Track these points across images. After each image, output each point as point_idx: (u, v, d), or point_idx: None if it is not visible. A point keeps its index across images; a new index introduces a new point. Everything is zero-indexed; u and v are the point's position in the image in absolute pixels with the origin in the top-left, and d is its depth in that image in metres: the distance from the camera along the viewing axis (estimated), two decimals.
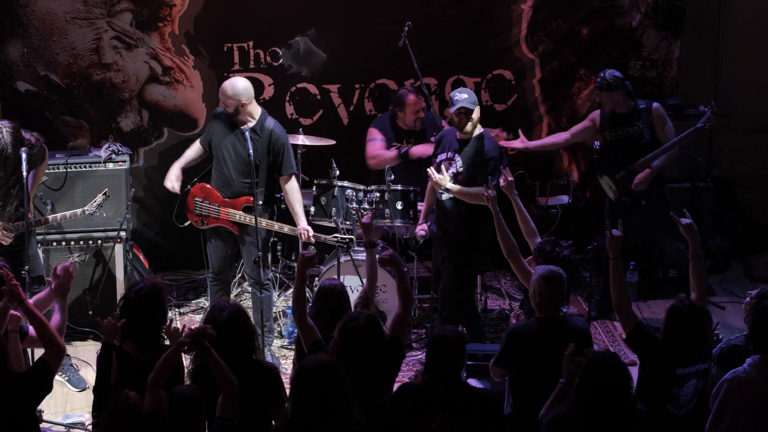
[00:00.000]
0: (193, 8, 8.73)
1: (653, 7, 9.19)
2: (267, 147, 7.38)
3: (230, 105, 7.36)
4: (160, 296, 5.42)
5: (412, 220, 7.91)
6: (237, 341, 5.22)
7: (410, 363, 7.66)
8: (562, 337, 5.49)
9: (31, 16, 8.51)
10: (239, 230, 7.49)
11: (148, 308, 5.35)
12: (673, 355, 5.47)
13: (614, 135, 8.02)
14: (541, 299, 5.72)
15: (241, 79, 7.47)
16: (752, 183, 9.81)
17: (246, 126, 7.40)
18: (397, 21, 8.33)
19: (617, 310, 5.69)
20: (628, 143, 7.97)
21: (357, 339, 5.12)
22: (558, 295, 5.75)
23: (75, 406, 7.18)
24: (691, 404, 5.57)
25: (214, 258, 7.70)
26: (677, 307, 5.50)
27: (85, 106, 8.79)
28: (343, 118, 9.16)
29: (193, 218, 7.63)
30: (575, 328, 5.75)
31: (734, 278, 8.90)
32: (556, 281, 5.72)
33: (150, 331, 5.39)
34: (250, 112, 7.43)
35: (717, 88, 9.62)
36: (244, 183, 7.41)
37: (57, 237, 7.90)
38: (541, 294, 5.71)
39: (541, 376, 5.47)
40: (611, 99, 7.94)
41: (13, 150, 6.89)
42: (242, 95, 7.35)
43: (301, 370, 4.69)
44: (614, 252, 5.72)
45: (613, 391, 4.84)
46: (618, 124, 7.99)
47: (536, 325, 5.73)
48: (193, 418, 4.81)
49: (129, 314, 5.36)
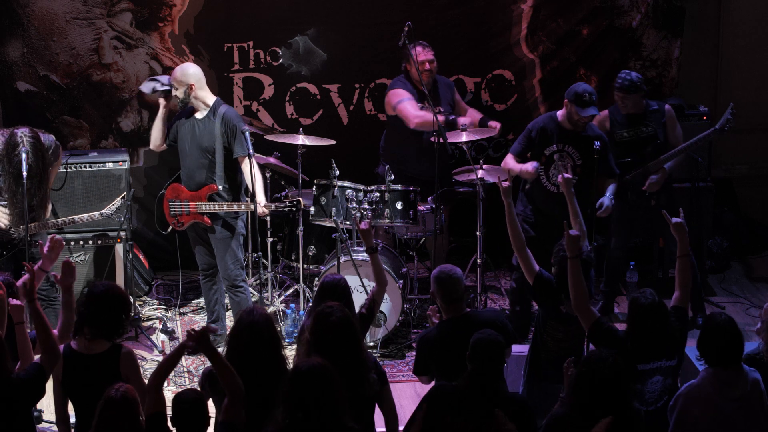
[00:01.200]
0: (193, 8, 8.73)
1: (653, 7, 9.20)
2: (221, 131, 7.42)
3: (180, 89, 7.43)
4: (124, 294, 5.45)
5: (412, 220, 7.91)
6: (261, 347, 5.16)
7: (410, 363, 7.65)
8: (470, 334, 5.40)
9: (31, 16, 8.51)
10: (211, 222, 7.51)
11: (105, 305, 5.36)
12: (635, 350, 5.45)
13: (627, 135, 7.97)
14: (441, 300, 5.76)
15: (192, 65, 7.61)
16: (752, 183, 9.81)
17: (200, 114, 7.47)
18: (397, 21, 8.33)
19: (576, 308, 5.68)
20: (641, 143, 7.94)
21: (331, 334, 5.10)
22: (455, 292, 5.76)
23: None
24: (660, 401, 5.56)
25: (198, 256, 7.75)
26: (638, 301, 5.51)
27: (85, 106, 8.79)
28: (343, 118, 9.17)
29: (171, 221, 7.65)
30: (484, 321, 5.71)
31: (734, 278, 8.90)
32: (449, 279, 5.74)
33: (106, 327, 5.38)
34: (203, 99, 7.47)
35: (717, 88, 9.61)
36: (203, 172, 7.46)
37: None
38: (439, 294, 5.76)
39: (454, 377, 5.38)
40: (633, 101, 7.89)
41: (35, 159, 6.93)
42: (191, 77, 7.43)
43: (295, 373, 4.64)
44: (573, 251, 5.71)
45: (610, 389, 4.83)
46: (632, 124, 7.95)
47: (442, 328, 5.77)
48: (197, 421, 4.79)
49: (88, 307, 5.38)
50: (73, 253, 7.98)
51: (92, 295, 5.43)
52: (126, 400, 4.71)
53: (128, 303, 5.49)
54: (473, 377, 5.12)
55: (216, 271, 7.71)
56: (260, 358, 5.10)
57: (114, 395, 4.70)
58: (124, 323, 5.42)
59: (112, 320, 5.36)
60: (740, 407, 5.27)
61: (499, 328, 5.63)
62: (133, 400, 4.73)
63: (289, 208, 7.63)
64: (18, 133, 6.96)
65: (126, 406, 4.70)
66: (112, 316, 5.36)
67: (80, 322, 5.38)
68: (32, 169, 6.95)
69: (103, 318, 5.34)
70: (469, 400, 5.02)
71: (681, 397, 5.35)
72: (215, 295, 7.78)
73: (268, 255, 8.43)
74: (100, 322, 5.35)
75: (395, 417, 5.45)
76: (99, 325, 5.35)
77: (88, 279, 8.03)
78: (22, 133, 6.97)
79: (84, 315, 5.37)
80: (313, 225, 8.14)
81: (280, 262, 8.66)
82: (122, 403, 4.69)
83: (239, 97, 8.97)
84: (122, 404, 4.69)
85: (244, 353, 5.09)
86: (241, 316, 5.21)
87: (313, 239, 8.30)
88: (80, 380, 5.30)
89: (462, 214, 8.90)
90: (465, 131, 7.91)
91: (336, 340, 5.11)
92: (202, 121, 7.46)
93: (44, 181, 7.06)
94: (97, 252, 8.02)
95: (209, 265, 7.72)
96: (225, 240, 7.52)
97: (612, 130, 8.00)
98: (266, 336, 5.14)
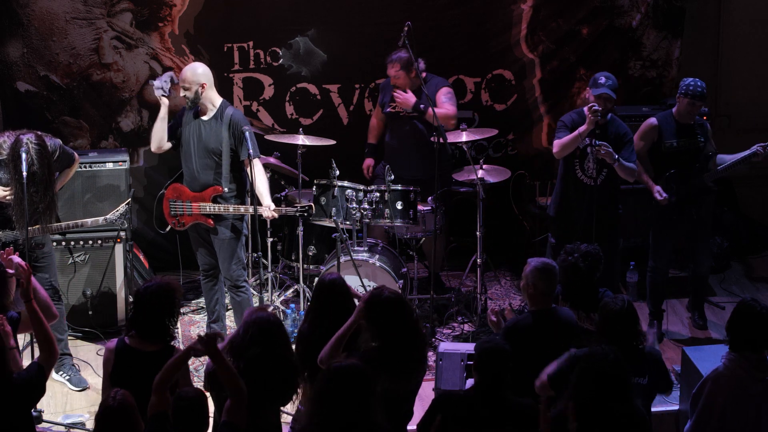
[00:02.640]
0: (193, 8, 8.73)
1: (653, 7, 9.20)
2: (228, 133, 7.40)
3: (192, 89, 7.37)
4: (170, 294, 5.49)
5: (412, 220, 7.91)
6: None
7: None
8: (555, 329, 5.66)
9: (31, 16, 8.51)
10: (214, 223, 7.50)
11: (155, 305, 5.45)
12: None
13: (677, 145, 7.84)
14: (535, 291, 5.80)
15: (201, 64, 7.54)
16: (752, 183, 9.81)
17: (207, 115, 7.44)
18: (397, 21, 8.32)
19: None
20: (691, 154, 7.83)
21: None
22: (551, 288, 5.85)
23: (75, 406, 7.18)
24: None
25: (200, 257, 7.73)
26: (608, 306, 5.52)
27: (85, 106, 8.79)
28: (343, 117, 9.17)
29: (171, 221, 7.62)
30: (566, 319, 5.88)
31: (734, 278, 8.90)
32: (550, 273, 5.82)
33: (155, 327, 5.46)
34: (210, 100, 7.45)
35: (717, 88, 9.62)
36: (209, 173, 7.43)
37: (57, 237, 7.89)
38: (535, 286, 5.79)
39: (534, 369, 5.47)
40: (698, 109, 7.81)
41: (40, 166, 6.84)
42: (202, 77, 7.38)
43: (330, 373, 4.68)
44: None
45: (611, 385, 4.83)
46: (684, 134, 7.84)
47: (530, 319, 5.83)
48: (197, 419, 4.82)
49: (138, 308, 5.50)
50: (73, 253, 7.98)
51: (137, 296, 5.54)
52: (124, 407, 4.75)
53: (173, 304, 5.52)
54: (480, 385, 5.15)
55: (217, 271, 7.70)
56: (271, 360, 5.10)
57: (111, 403, 4.74)
58: (168, 326, 5.49)
59: (156, 324, 5.46)
60: (764, 389, 5.41)
61: (574, 329, 5.83)
62: (130, 407, 4.76)
63: (300, 213, 7.63)
64: (23, 139, 6.80)
65: (124, 413, 4.74)
66: (156, 320, 5.46)
67: (128, 324, 5.56)
68: (37, 176, 6.82)
69: (147, 322, 5.46)
70: (476, 407, 5.04)
71: (709, 381, 5.48)
72: (216, 295, 7.77)
73: (268, 255, 8.43)
74: (145, 326, 5.46)
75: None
76: (145, 329, 5.47)
77: (88, 279, 8.02)
78: (27, 140, 6.81)
79: (131, 318, 5.53)
80: (313, 225, 8.14)
81: (280, 262, 8.66)
82: (120, 411, 4.73)
83: (239, 97, 8.97)
84: (120, 411, 4.73)
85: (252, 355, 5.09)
86: (248, 320, 5.22)
87: (313, 239, 8.30)
88: (130, 376, 5.32)
89: (462, 213, 8.90)
90: (465, 131, 7.92)
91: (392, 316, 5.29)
92: (208, 123, 7.43)
93: (50, 187, 6.94)
94: (97, 252, 8.02)
95: (210, 265, 7.71)
96: (228, 241, 7.50)
97: (661, 138, 7.85)
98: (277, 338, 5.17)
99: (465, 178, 8.09)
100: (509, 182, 8.64)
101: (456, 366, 6.48)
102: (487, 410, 5.05)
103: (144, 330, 5.46)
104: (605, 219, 7.58)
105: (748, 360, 5.43)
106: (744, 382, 5.42)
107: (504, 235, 9.15)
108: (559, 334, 5.78)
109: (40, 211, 6.96)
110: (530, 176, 9.23)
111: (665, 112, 7.97)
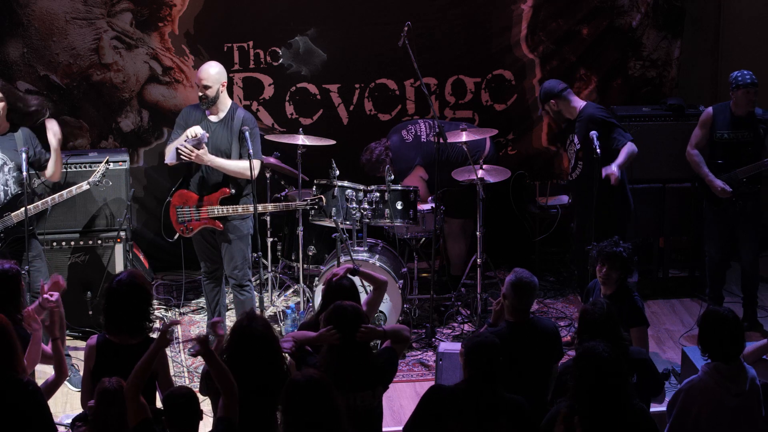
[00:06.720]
0: (193, 8, 8.73)
1: (653, 7, 9.20)
2: (238, 135, 7.39)
3: (213, 87, 7.34)
4: (142, 285, 5.51)
5: (412, 220, 7.91)
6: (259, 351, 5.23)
7: (410, 363, 7.66)
8: (532, 340, 5.70)
9: (31, 16, 8.51)
10: (223, 226, 7.48)
11: (129, 296, 5.46)
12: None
13: (729, 137, 7.80)
14: (510, 303, 5.83)
15: (217, 63, 7.49)
16: None
17: (218, 116, 7.43)
18: (397, 21, 8.33)
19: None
20: (742, 146, 7.78)
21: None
22: (526, 302, 5.84)
23: (75, 406, 7.16)
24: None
25: (203, 259, 7.71)
26: (587, 313, 5.50)
27: (85, 106, 8.79)
28: (343, 117, 9.17)
29: (179, 228, 7.57)
30: (544, 330, 5.87)
31: (734, 278, 8.89)
32: (524, 288, 5.81)
33: (133, 319, 5.48)
34: (223, 100, 7.43)
35: (717, 88, 9.61)
36: (219, 173, 7.40)
37: (57, 237, 7.90)
38: (507, 298, 5.83)
39: (508, 378, 5.40)
40: (756, 97, 7.78)
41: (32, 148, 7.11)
42: (223, 76, 7.38)
43: (292, 385, 4.72)
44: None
45: (609, 381, 4.82)
46: (739, 126, 7.78)
47: (506, 330, 5.81)
48: (189, 416, 4.88)
49: (112, 302, 5.49)
50: (73, 253, 7.98)
51: (110, 291, 5.53)
52: (122, 387, 4.88)
53: (147, 294, 5.52)
54: (470, 380, 5.16)
55: (220, 273, 7.69)
56: (258, 363, 5.18)
57: (108, 386, 4.86)
58: (146, 317, 5.51)
59: (133, 316, 5.49)
60: (740, 404, 5.27)
61: (554, 340, 5.85)
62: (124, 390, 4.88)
63: (311, 205, 7.64)
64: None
65: (120, 398, 4.86)
66: (132, 312, 5.48)
67: (105, 319, 5.53)
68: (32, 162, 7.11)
69: (124, 315, 5.47)
70: (466, 402, 5.04)
71: (682, 393, 5.34)
72: (217, 296, 7.76)
73: (268, 255, 8.43)
74: (122, 320, 5.48)
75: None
76: (122, 323, 5.49)
77: (88, 279, 8.02)
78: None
79: (107, 314, 5.52)
80: (313, 225, 8.14)
81: (280, 262, 8.66)
82: (119, 392, 4.86)
83: (239, 97, 8.97)
84: (119, 392, 4.86)
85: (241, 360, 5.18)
86: (237, 325, 5.27)
87: (313, 239, 8.30)
88: (113, 370, 5.29)
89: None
90: (465, 131, 7.92)
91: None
92: (219, 124, 7.38)
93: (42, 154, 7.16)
94: (97, 252, 8.02)
95: (213, 267, 7.68)
96: (236, 241, 7.47)
97: (713, 129, 7.82)
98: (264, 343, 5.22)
99: (465, 178, 8.09)
100: (509, 182, 8.63)
101: (456, 366, 6.47)
102: (480, 404, 5.06)
103: (121, 324, 5.46)
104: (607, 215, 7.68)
105: (719, 372, 5.26)
106: (717, 394, 5.25)
107: (504, 235, 9.14)
108: (536, 346, 5.78)
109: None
110: (530, 176, 9.23)
111: (723, 103, 7.93)
